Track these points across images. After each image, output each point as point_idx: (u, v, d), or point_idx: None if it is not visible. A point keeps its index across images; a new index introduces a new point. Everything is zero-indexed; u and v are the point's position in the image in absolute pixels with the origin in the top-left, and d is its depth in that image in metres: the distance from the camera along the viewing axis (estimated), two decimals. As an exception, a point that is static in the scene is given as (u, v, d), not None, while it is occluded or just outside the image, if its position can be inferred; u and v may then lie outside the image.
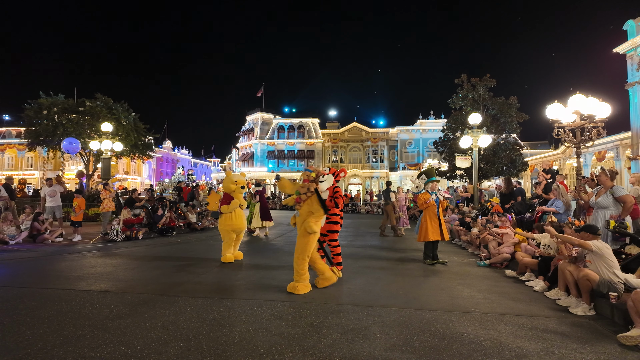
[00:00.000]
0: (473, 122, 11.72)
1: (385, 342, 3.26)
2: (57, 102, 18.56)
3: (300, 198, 5.04)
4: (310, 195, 5.02)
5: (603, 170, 5.54)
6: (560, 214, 6.62)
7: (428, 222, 6.85)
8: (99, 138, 15.20)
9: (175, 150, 60.31)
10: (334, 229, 5.89)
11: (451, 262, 7.10)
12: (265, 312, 3.99)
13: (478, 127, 11.75)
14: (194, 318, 3.77)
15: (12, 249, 8.15)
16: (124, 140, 18.35)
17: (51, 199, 10.12)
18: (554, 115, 6.77)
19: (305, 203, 5.05)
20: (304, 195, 5.01)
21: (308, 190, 5.01)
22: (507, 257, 6.55)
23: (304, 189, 5.02)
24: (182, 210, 12.86)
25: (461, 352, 3.08)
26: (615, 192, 5.25)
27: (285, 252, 7.91)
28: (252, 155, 42.48)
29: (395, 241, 10.09)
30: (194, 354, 2.97)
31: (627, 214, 5.18)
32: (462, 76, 21.46)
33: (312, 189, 5.02)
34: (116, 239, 9.33)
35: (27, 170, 41.41)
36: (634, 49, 17.44)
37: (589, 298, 4.14)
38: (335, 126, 42.57)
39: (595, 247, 4.13)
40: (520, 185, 11.03)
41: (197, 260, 7.02)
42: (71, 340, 3.20)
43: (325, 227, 5.53)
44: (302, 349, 3.10)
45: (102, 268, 6.21)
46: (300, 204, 5.06)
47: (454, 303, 4.46)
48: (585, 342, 3.34)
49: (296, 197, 5.10)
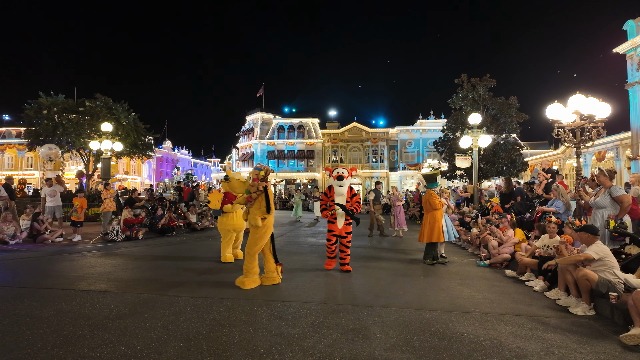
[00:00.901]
0: (473, 122, 11.72)
1: (385, 342, 3.26)
2: (57, 102, 18.53)
3: (251, 197, 5.12)
4: (260, 193, 5.12)
5: (602, 170, 5.56)
6: (560, 213, 6.62)
7: (435, 224, 6.87)
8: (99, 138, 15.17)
9: (175, 150, 60.27)
10: (350, 230, 6.39)
11: (451, 262, 7.10)
12: (265, 312, 3.99)
13: (478, 127, 11.74)
14: (194, 318, 3.77)
15: (12, 249, 8.14)
16: (124, 140, 18.33)
17: (51, 199, 10.12)
18: (554, 115, 6.76)
19: (256, 201, 5.13)
20: (254, 194, 5.11)
21: (257, 189, 5.11)
22: (507, 257, 6.55)
23: (254, 188, 5.11)
24: (182, 210, 12.86)
25: (461, 352, 3.08)
26: (613, 192, 5.27)
27: (285, 252, 7.90)
28: (252, 155, 42.43)
29: (396, 241, 10.08)
30: (194, 354, 2.97)
31: (624, 213, 5.19)
32: (462, 76, 21.47)
33: (261, 187, 5.11)
34: (116, 239, 9.33)
35: (27, 170, 41.38)
36: (634, 49, 17.44)
37: (589, 298, 4.14)
38: (335, 126, 42.53)
39: (597, 255, 4.16)
40: (520, 185, 11.02)
41: (197, 260, 7.02)
42: (71, 340, 3.20)
43: (344, 229, 6.20)
44: (302, 349, 3.10)
45: (102, 268, 6.21)
46: (251, 202, 5.13)
47: (454, 303, 4.46)
48: (585, 342, 3.34)
49: (247, 196, 5.16)
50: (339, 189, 6.20)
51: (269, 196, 5.15)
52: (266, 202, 5.09)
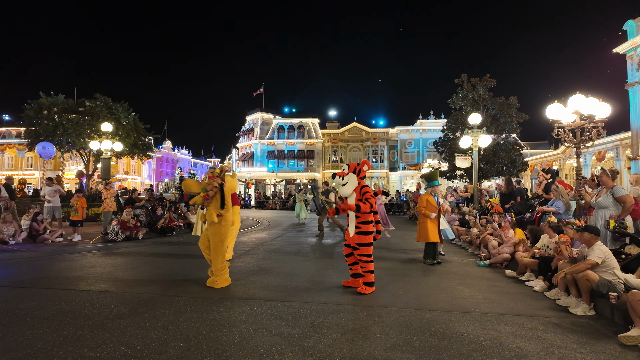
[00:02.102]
0: (473, 122, 11.72)
1: (385, 342, 3.25)
2: (57, 102, 18.55)
3: (208, 195, 5.07)
4: (216, 191, 5.10)
5: (604, 170, 5.53)
6: (560, 214, 6.62)
7: (429, 224, 6.82)
8: (99, 138, 15.20)
9: (175, 150, 60.28)
10: (366, 241, 4.76)
11: (451, 262, 7.10)
12: (265, 312, 3.99)
13: (478, 127, 11.75)
14: (194, 318, 3.77)
15: (12, 249, 8.15)
16: (124, 140, 18.35)
17: (51, 200, 10.12)
18: (554, 115, 6.77)
19: (213, 199, 5.10)
20: (211, 192, 5.06)
21: (213, 186, 5.07)
22: (508, 257, 6.55)
23: (210, 186, 5.07)
24: (182, 210, 12.87)
25: (461, 352, 3.08)
26: (615, 192, 5.25)
27: (285, 253, 7.90)
28: (252, 155, 42.44)
29: (395, 241, 10.08)
30: (194, 354, 2.97)
31: (627, 214, 5.16)
32: (462, 76, 21.47)
33: (216, 184, 5.08)
34: (116, 239, 9.33)
35: (27, 170, 41.40)
36: (633, 49, 17.42)
37: (589, 298, 4.14)
38: (335, 126, 42.55)
39: (600, 260, 4.15)
40: (520, 185, 11.02)
41: (197, 260, 7.01)
42: (71, 340, 3.20)
43: (354, 238, 4.81)
44: (302, 349, 3.10)
45: (102, 268, 6.21)
46: (208, 200, 5.09)
47: (454, 303, 4.46)
48: (585, 342, 3.33)
49: (203, 195, 5.11)
50: (342, 190, 4.89)
51: (225, 193, 5.13)
52: (221, 198, 5.08)
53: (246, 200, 29.83)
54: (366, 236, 4.76)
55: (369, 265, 4.75)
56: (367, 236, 4.77)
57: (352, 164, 5.03)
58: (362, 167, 4.93)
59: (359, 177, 4.91)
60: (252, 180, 39.73)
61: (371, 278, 4.76)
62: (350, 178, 4.86)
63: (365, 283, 4.75)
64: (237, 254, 7.67)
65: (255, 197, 31.57)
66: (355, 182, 4.86)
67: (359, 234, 4.77)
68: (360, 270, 4.89)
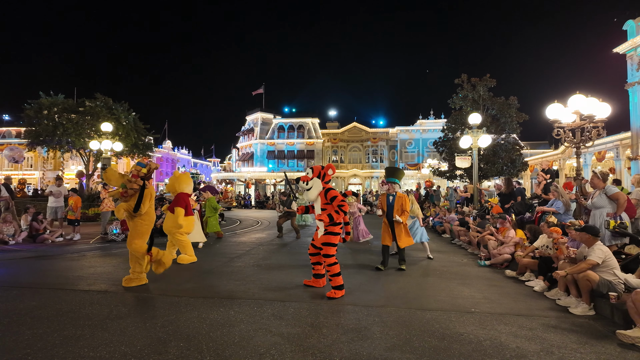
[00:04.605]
0: (473, 122, 11.72)
1: (385, 342, 3.25)
2: (57, 102, 18.56)
3: (127, 192, 4.94)
4: (137, 191, 4.95)
5: (595, 173, 5.74)
6: (560, 214, 6.63)
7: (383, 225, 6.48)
8: (99, 138, 15.20)
9: (175, 150, 60.24)
10: (330, 241, 4.73)
11: (451, 262, 7.11)
12: (265, 312, 3.99)
13: (478, 127, 11.74)
14: (194, 318, 3.77)
15: (12, 249, 8.15)
16: (124, 140, 18.36)
17: (54, 199, 10.12)
18: (554, 115, 6.76)
19: (131, 198, 4.96)
20: (131, 190, 4.94)
21: (133, 187, 4.93)
22: (508, 257, 6.55)
23: (131, 184, 4.93)
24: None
25: (461, 352, 3.08)
26: (608, 191, 5.44)
27: (285, 252, 7.90)
28: (252, 155, 42.44)
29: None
30: (194, 354, 2.97)
31: (622, 210, 5.34)
32: (462, 76, 21.44)
33: (137, 185, 4.93)
34: (116, 239, 9.33)
35: (27, 170, 41.36)
36: (633, 49, 17.42)
37: (589, 298, 4.14)
38: (335, 126, 42.54)
39: (600, 260, 4.16)
40: (520, 185, 11.02)
41: (196, 259, 7.01)
42: (71, 340, 3.20)
43: (321, 238, 4.78)
44: (302, 349, 3.10)
45: (102, 268, 6.21)
46: (125, 197, 4.96)
47: (454, 303, 4.46)
48: (585, 342, 3.34)
49: (122, 190, 4.98)
50: (307, 194, 4.81)
51: (144, 196, 4.93)
52: (137, 200, 4.91)
53: (246, 201, 29.86)
54: (332, 236, 4.73)
55: (334, 268, 4.64)
56: (334, 237, 4.74)
57: (316, 167, 4.86)
58: (326, 171, 4.85)
59: (323, 181, 4.83)
60: (252, 180, 39.74)
61: (339, 281, 4.64)
62: (314, 182, 4.77)
63: (335, 287, 4.63)
64: (237, 253, 7.67)
65: (255, 197, 31.58)
66: (320, 187, 4.77)
67: (326, 234, 4.75)
68: (322, 271, 4.96)
